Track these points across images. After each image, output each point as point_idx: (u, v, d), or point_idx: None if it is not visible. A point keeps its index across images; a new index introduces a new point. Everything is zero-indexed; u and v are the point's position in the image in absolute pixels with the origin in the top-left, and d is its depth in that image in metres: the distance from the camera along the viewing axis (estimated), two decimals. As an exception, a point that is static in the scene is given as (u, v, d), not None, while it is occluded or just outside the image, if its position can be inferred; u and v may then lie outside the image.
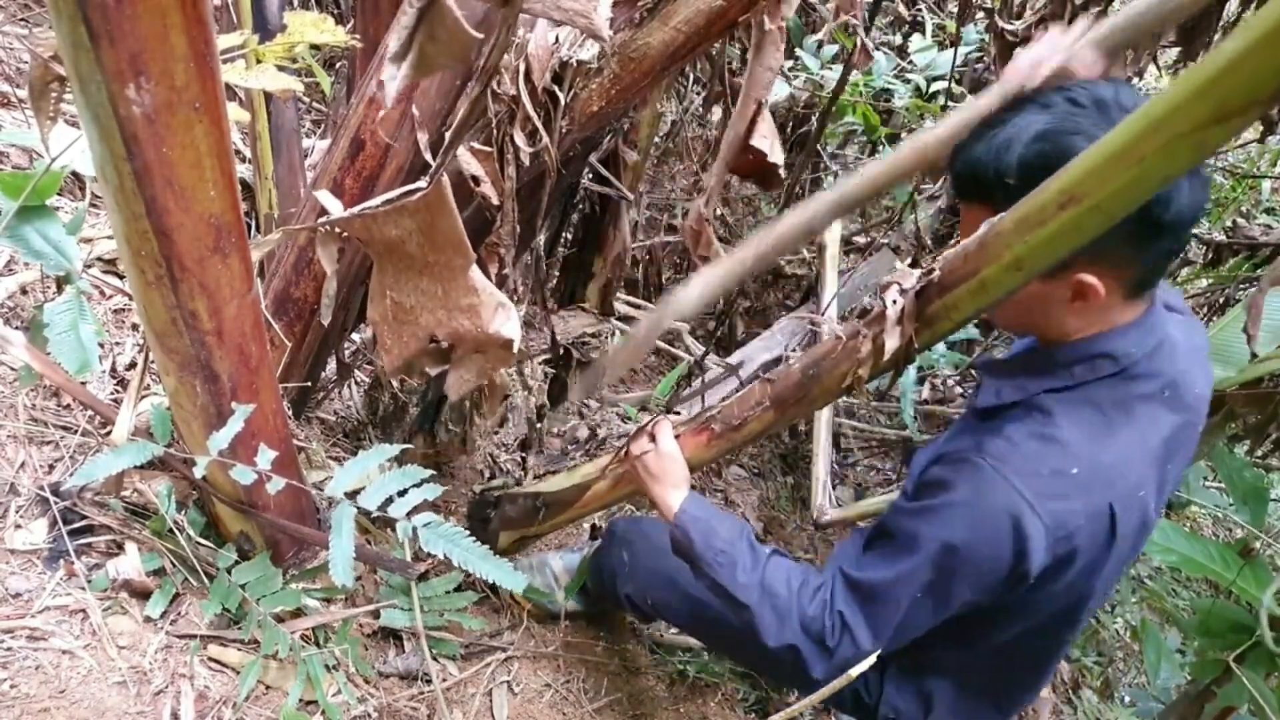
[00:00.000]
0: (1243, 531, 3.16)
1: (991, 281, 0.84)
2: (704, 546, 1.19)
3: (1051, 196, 0.75)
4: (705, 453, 1.27)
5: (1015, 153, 0.95)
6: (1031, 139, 0.95)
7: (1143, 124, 0.66)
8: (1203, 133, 0.62)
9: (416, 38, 0.76)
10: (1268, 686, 1.48)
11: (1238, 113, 0.59)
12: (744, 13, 1.22)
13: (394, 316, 1.25)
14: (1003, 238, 0.81)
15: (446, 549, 1.11)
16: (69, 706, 1.06)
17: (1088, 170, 0.71)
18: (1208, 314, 2.78)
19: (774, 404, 1.15)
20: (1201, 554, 1.58)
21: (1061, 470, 0.99)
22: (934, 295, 0.90)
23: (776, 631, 1.13)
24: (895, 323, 0.92)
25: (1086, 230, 0.75)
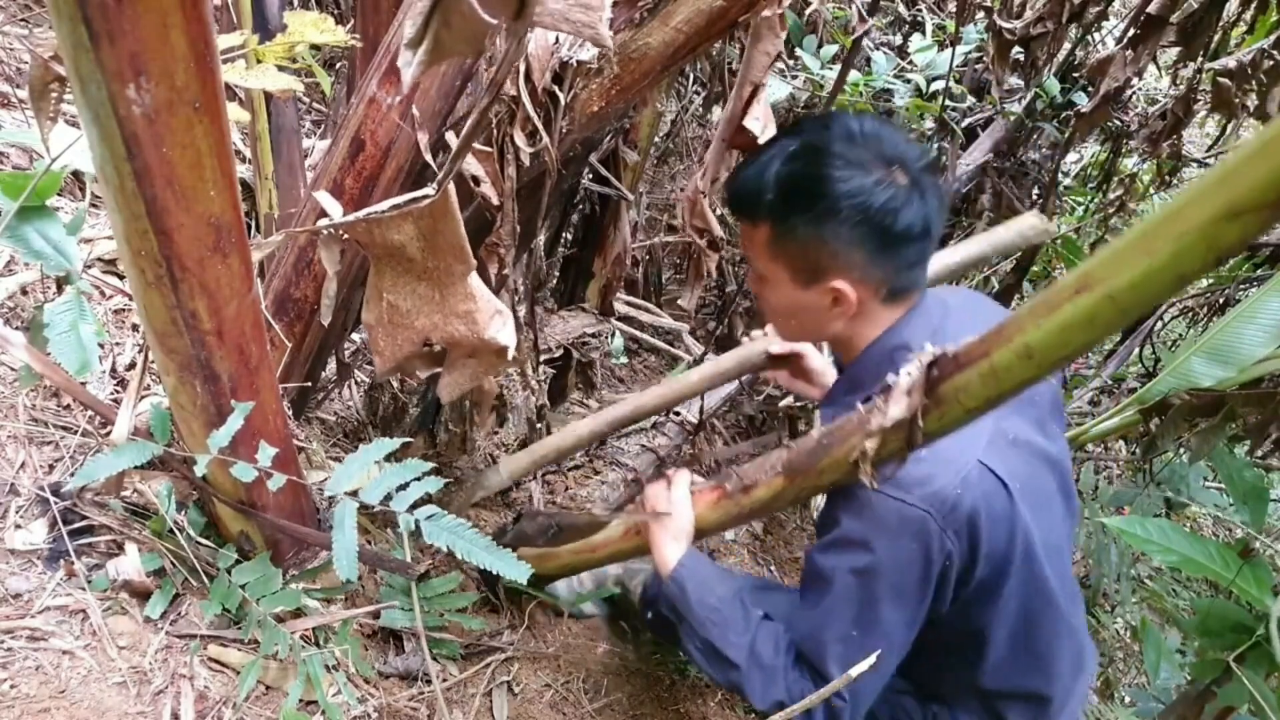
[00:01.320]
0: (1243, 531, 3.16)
1: (1002, 367, 0.80)
2: (698, 603, 1.22)
3: (1067, 282, 0.73)
4: (711, 513, 1.23)
5: (773, 170, 1.11)
6: (786, 158, 1.10)
7: (1159, 216, 0.65)
8: (1214, 228, 0.61)
9: (431, 24, 0.76)
10: (1268, 686, 1.48)
11: (1250, 211, 0.59)
12: (744, 13, 1.22)
13: (389, 319, 1.25)
14: (1017, 322, 0.78)
15: (449, 541, 1.11)
16: (69, 707, 1.06)
17: (1104, 258, 0.69)
18: (1208, 314, 2.78)
19: (785, 471, 1.11)
20: (1201, 554, 1.58)
21: (912, 458, 1.01)
22: (946, 373, 0.86)
23: (763, 692, 1.17)
24: (904, 392, 0.89)
25: (1098, 321, 0.71)
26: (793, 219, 1.10)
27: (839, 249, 1.09)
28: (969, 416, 0.86)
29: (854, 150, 1.07)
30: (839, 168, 1.07)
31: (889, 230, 1.07)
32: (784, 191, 1.10)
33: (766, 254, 1.16)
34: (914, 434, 0.90)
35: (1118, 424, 2.00)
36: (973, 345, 0.83)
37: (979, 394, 0.83)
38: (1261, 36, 2.33)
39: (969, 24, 2.88)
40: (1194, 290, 2.99)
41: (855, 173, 1.06)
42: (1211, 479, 2.70)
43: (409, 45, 0.78)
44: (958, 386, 0.84)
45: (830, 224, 1.07)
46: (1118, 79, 2.17)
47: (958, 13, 2.37)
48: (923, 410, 0.88)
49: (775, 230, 1.13)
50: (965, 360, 0.83)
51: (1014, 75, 2.82)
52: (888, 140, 1.09)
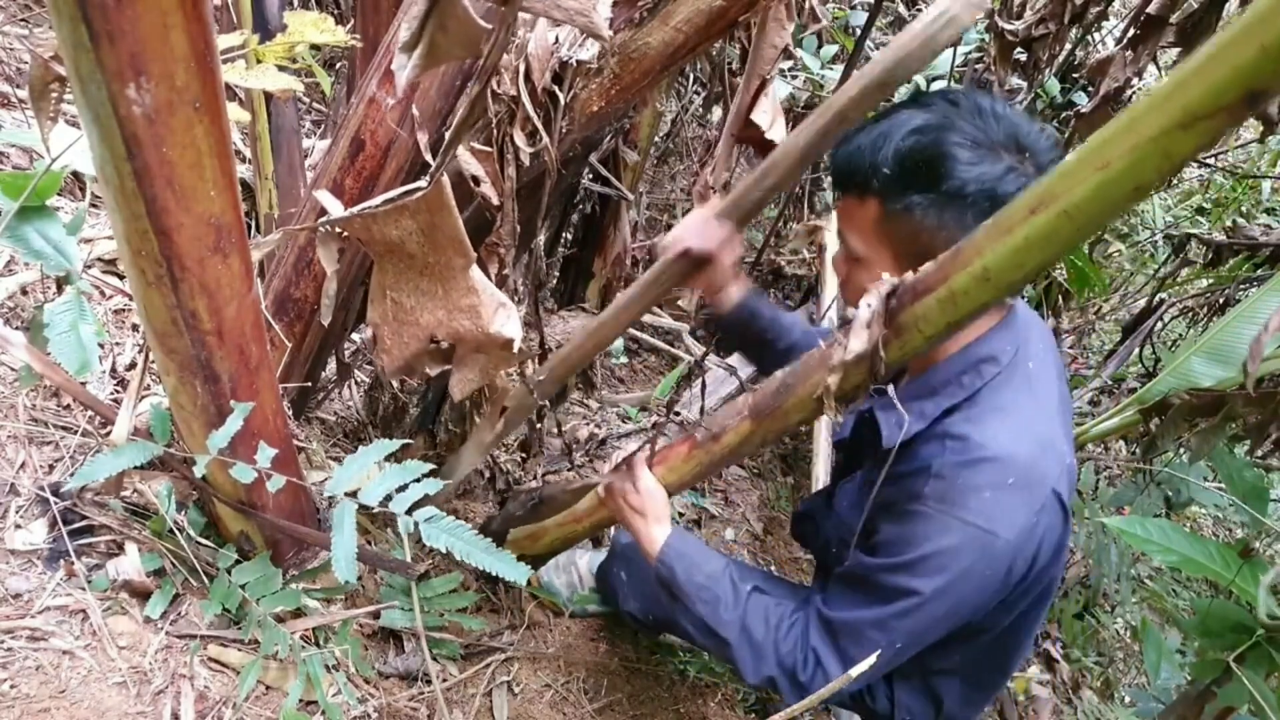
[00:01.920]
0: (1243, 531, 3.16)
1: (960, 292, 0.78)
2: (687, 582, 1.21)
3: (1023, 201, 0.71)
4: (685, 466, 1.23)
5: (893, 144, 1.01)
6: (908, 132, 1.00)
7: (1113, 127, 0.63)
8: (1169, 137, 0.59)
9: (427, 27, 0.76)
10: (1268, 686, 1.48)
11: (1204, 117, 0.57)
12: (744, 12, 1.22)
13: (394, 317, 1.25)
14: (974, 245, 0.76)
15: (448, 543, 1.11)
16: (69, 707, 1.06)
17: (1059, 173, 0.68)
18: (1208, 314, 2.78)
19: (751, 414, 1.10)
20: (1201, 554, 1.58)
21: (999, 484, 1.01)
22: (906, 302, 0.84)
23: (754, 667, 1.17)
24: (864, 325, 0.87)
25: (1055, 239, 0.70)
26: (911, 198, 1.01)
27: (957, 236, 0.97)
28: (928, 344, 0.86)
29: (984, 131, 0.99)
30: (968, 148, 0.98)
31: None
32: (905, 167, 1.00)
33: (871, 233, 1.07)
34: (876, 365, 0.88)
35: (1118, 424, 2.00)
36: (930, 272, 0.82)
37: (938, 320, 0.82)
38: (1261, 36, 2.32)
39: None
40: (1194, 290, 2.99)
41: (985, 155, 0.98)
42: (1211, 479, 2.70)
43: (404, 49, 0.78)
44: (917, 315, 0.83)
45: (953, 209, 0.99)
46: (1118, 79, 2.17)
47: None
48: (883, 341, 0.87)
49: (886, 208, 1.04)
50: (923, 288, 0.82)
51: (1015, 75, 2.82)
52: (1020, 125, 1.01)
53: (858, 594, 1.13)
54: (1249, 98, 0.55)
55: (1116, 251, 3.88)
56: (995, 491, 1.01)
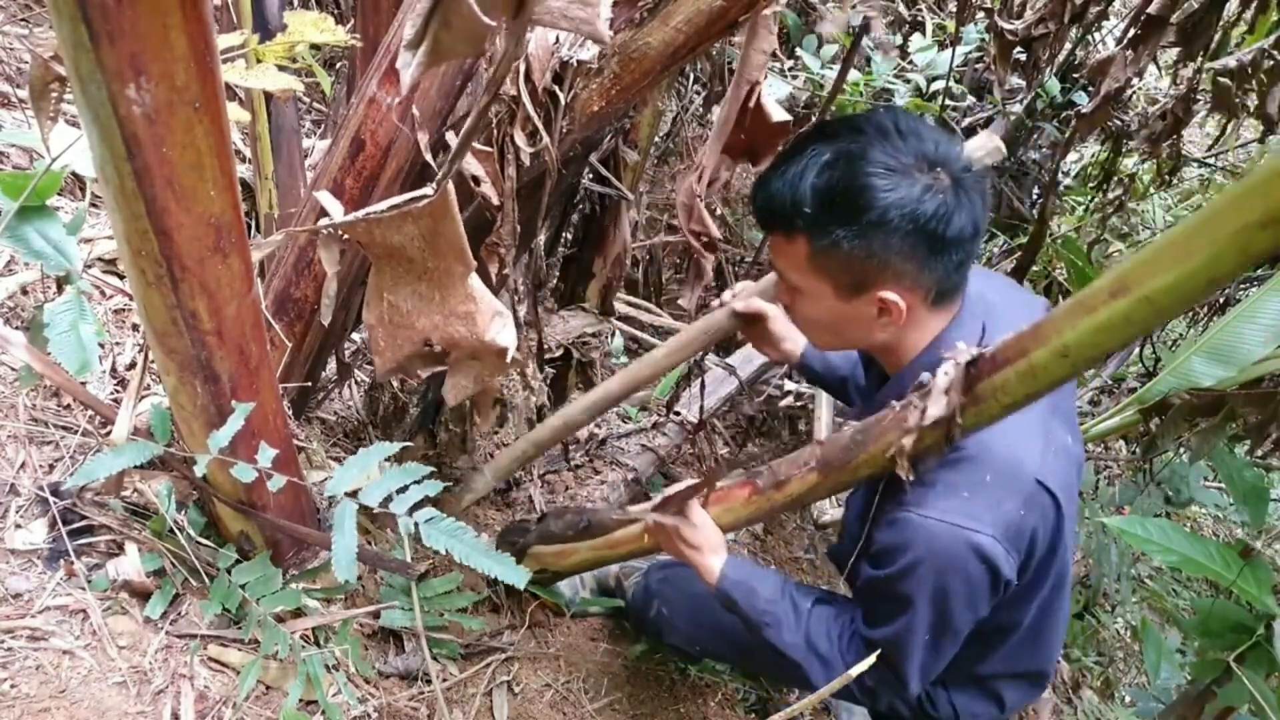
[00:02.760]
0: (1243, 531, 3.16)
1: (1040, 367, 0.81)
2: (748, 608, 1.24)
3: (1104, 284, 0.74)
4: (744, 510, 1.22)
5: (809, 182, 1.02)
6: (821, 167, 1.02)
7: (1194, 221, 0.67)
8: (1248, 234, 0.63)
9: (431, 25, 0.76)
10: (1268, 686, 1.48)
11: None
12: (744, 13, 1.22)
13: (390, 320, 1.25)
14: (1054, 322, 0.79)
15: (448, 545, 1.11)
16: (69, 706, 1.06)
17: (1141, 261, 0.71)
18: (1208, 314, 2.78)
19: (820, 467, 1.10)
20: (1201, 554, 1.58)
21: (979, 483, 1.04)
22: (984, 372, 0.87)
23: (826, 678, 1.21)
24: (942, 391, 0.90)
25: (1134, 322, 0.73)
26: (835, 232, 1.03)
27: (889, 259, 1.03)
28: (1005, 412, 0.88)
29: (894, 155, 1.01)
30: (882, 175, 1.00)
31: (941, 238, 1.02)
32: (824, 203, 1.02)
33: (805, 268, 1.10)
34: (952, 431, 0.91)
35: (1118, 424, 2.00)
36: (1010, 345, 0.85)
37: (1016, 391, 0.85)
38: (1261, 36, 2.32)
39: (969, 24, 2.88)
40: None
41: (900, 181, 1.00)
42: (1211, 479, 2.70)
43: (408, 47, 0.78)
44: (995, 385, 0.86)
45: (879, 236, 1.01)
46: (1118, 79, 2.16)
47: (958, 12, 2.37)
48: (960, 408, 0.89)
49: (815, 244, 1.06)
50: (1003, 360, 0.85)
51: (1015, 75, 2.82)
52: (927, 139, 1.03)
53: (876, 607, 1.18)
54: None
55: (1117, 251, 3.88)
56: (973, 490, 1.03)
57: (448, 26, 0.76)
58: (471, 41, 0.77)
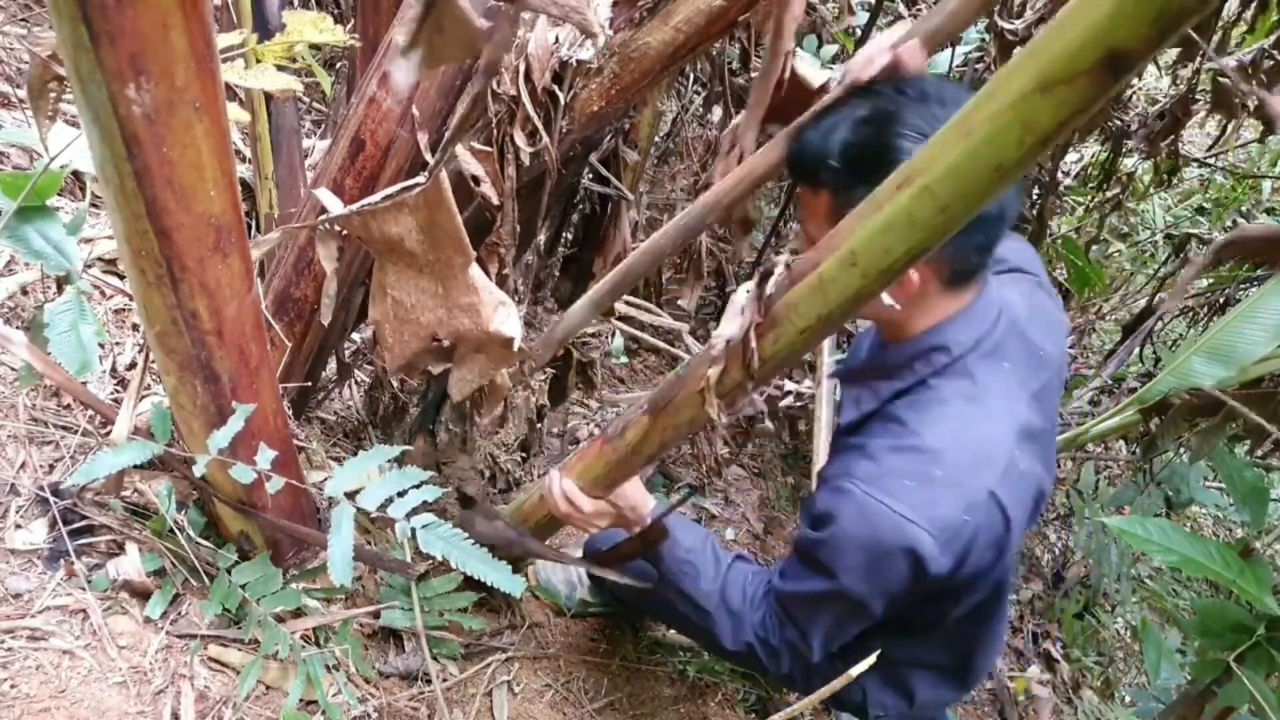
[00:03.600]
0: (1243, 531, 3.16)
1: (829, 278, 0.74)
2: (669, 558, 1.26)
3: (889, 180, 0.68)
4: (598, 463, 1.22)
5: (840, 136, 1.01)
6: (854, 123, 1.01)
7: (974, 99, 0.60)
8: (1027, 103, 0.55)
9: (423, 30, 0.76)
10: (1268, 686, 1.48)
11: (1062, 81, 0.53)
12: (744, 12, 1.22)
13: (394, 315, 1.25)
14: (842, 229, 0.73)
15: (445, 550, 1.11)
16: (69, 706, 1.06)
17: (925, 148, 0.64)
18: (1208, 314, 2.78)
19: (650, 409, 1.09)
20: (1201, 554, 1.58)
21: (926, 476, 1.03)
22: (781, 290, 0.80)
23: (732, 636, 1.23)
24: (738, 310, 0.83)
25: (919, 219, 0.66)
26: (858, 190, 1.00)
27: None
28: (803, 339, 0.82)
29: (929, 120, 0.98)
30: (910, 138, 0.97)
31: None
32: (849, 160, 1.01)
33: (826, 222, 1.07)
34: (749, 358, 0.84)
35: (1118, 424, 2.00)
36: (805, 259, 0.79)
37: (809, 311, 0.79)
38: (1261, 36, 2.33)
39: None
40: (1194, 290, 2.99)
41: None
42: (1211, 479, 2.70)
43: (401, 53, 0.78)
44: (789, 303, 0.80)
45: None
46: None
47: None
48: (757, 330, 0.83)
49: (837, 200, 1.04)
50: (797, 274, 0.79)
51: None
52: None
53: (800, 566, 1.17)
54: (1110, 59, 0.51)
55: (1116, 251, 3.88)
56: (919, 482, 1.03)
57: (440, 31, 0.76)
58: (465, 45, 0.77)
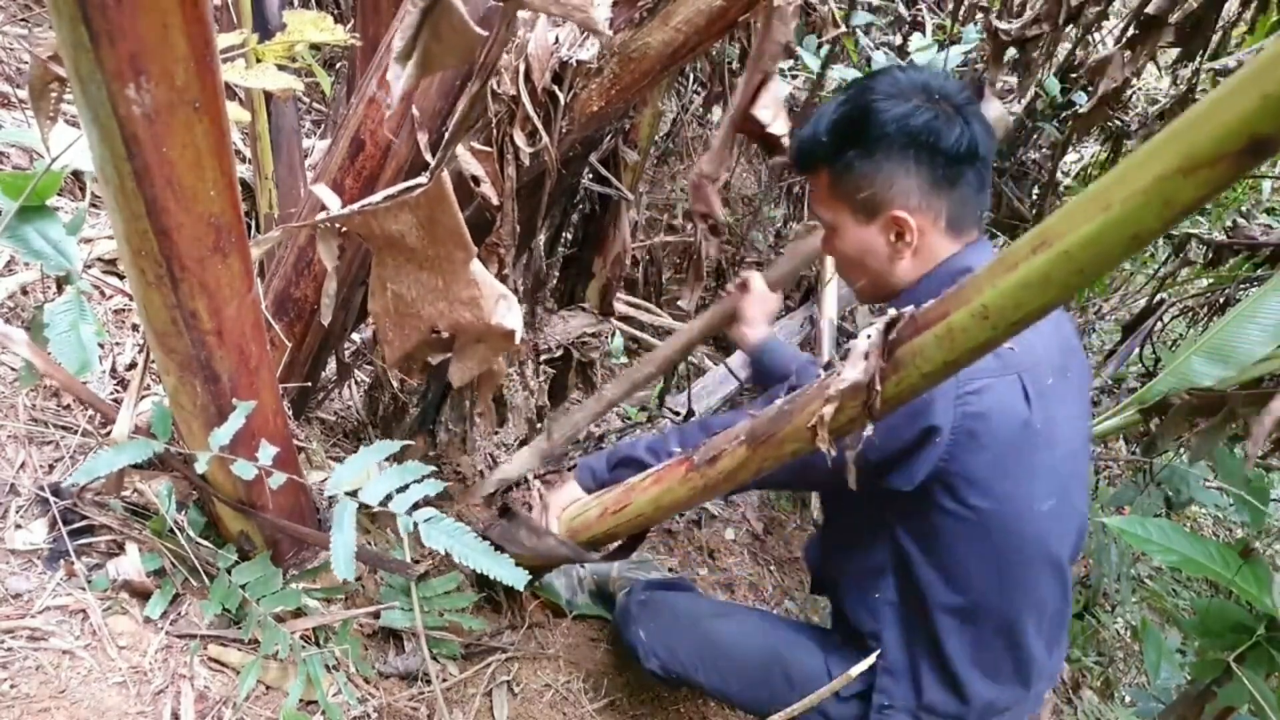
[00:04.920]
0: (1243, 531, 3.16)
1: (959, 329, 0.77)
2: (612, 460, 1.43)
3: (1024, 241, 0.70)
4: (681, 489, 1.21)
5: (826, 118, 1.21)
6: (836, 105, 1.21)
7: (1116, 172, 0.63)
8: (1169, 183, 0.59)
9: (421, 37, 0.76)
10: (1268, 686, 1.48)
11: (1206, 165, 0.57)
12: (744, 12, 1.22)
13: (395, 309, 1.25)
14: (974, 282, 0.75)
15: (447, 544, 1.10)
16: (69, 706, 1.06)
17: (1061, 214, 0.67)
18: (1208, 314, 2.78)
19: (749, 440, 1.08)
20: (1201, 554, 1.58)
21: None
22: (905, 336, 0.83)
23: None
24: (861, 355, 0.85)
25: (1054, 279, 0.69)
26: (846, 154, 1.18)
27: (892, 175, 1.16)
28: (925, 382, 0.84)
29: (895, 85, 1.16)
30: (882, 99, 1.15)
31: (935, 149, 1.13)
32: (836, 132, 1.19)
33: (829, 199, 1.24)
34: (872, 399, 0.86)
35: (1118, 424, 2.00)
36: (931, 308, 0.80)
37: (935, 357, 0.81)
38: (1262, 36, 2.33)
39: (968, 24, 2.88)
40: (1194, 290, 2.99)
41: (899, 103, 1.14)
42: (1211, 479, 2.70)
43: (398, 59, 0.78)
44: (914, 350, 0.82)
45: (880, 150, 1.15)
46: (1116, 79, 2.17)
47: (953, 11, 2.38)
48: (880, 374, 0.85)
49: (833, 172, 1.21)
50: (923, 323, 0.81)
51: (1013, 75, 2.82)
52: (930, 80, 1.18)
53: None
54: (1252, 145, 0.55)
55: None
56: None
57: (438, 38, 0.76)
58: (462, 52, 0.77)
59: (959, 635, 1.23)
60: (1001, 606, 1.22)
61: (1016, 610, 1.22)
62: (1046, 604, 1.25)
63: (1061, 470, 1.20)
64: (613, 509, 1.35)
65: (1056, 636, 1.31)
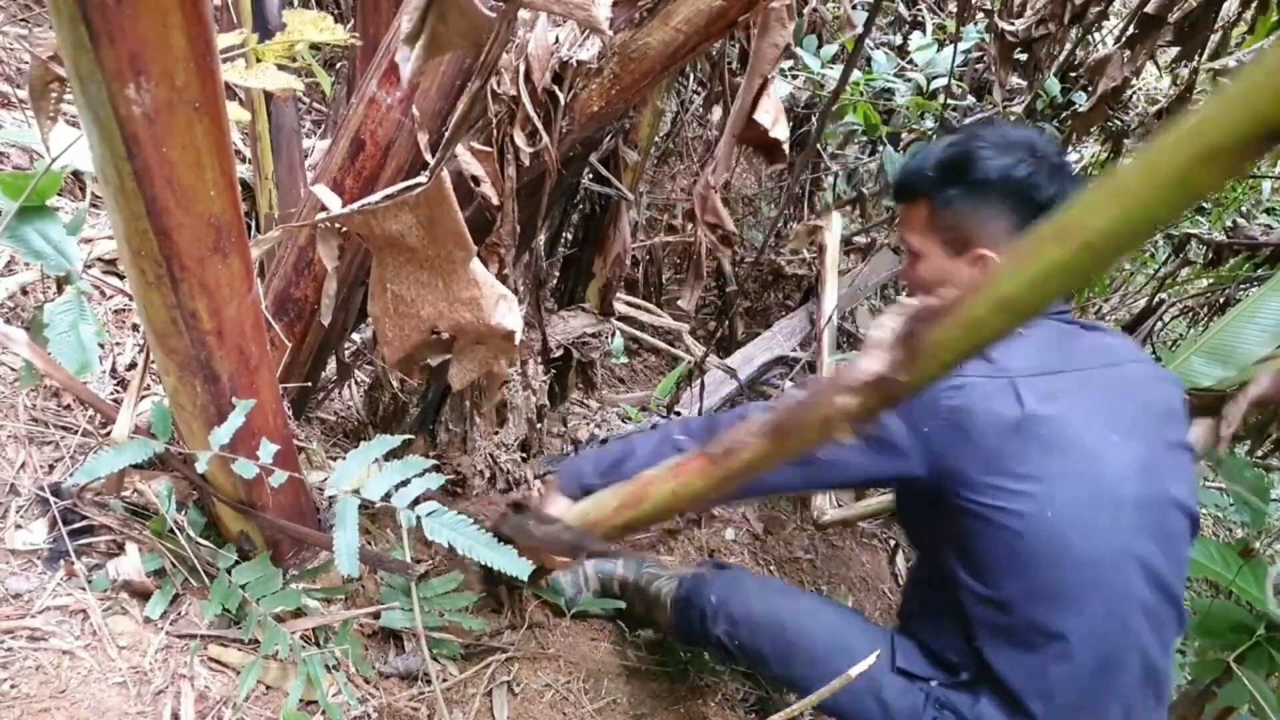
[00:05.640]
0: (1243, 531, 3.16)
1: (980, 320, 0.78)
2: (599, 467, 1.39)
3: (1044, 232, 0.72)
4: (699, 481, 1.19)
5: (934, 154, 1.33)
6: (944, 145, 1.33)
7: (1135, 162, 0.65)
8: (1189, 172, 0.61)
9: (428, 18, 0.77)
10: (1268, 686, 1.48)
11: (1224, 154, 0.59)
12: (744, 12, 1.22)
13: (395, 309, 1.25)
14: (995, 274, 0.77)
15: (450, 537, 1.10)
16: (69, 707, 1.06)
17: (1080, 206, 0.69)
18: (1208, 314, 2.78)
19: (770, 434, 1.07)
20: (1201, 554, 1.59)
21: None
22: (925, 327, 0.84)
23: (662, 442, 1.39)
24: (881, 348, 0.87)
25: (1075, 269, 0.71)
26: (949, 192, 1.30)
27: (987, 218, 1.27)
28: (944, 370, 0.85)
29: (1001, 138, 1.29)
30: (989, 148, 1.28)
31: (1031, 201, 1.25)
32: (943, 169, 1.30)
33: (923, 228, 1.34)
34: (892, 389, 0.87)
35: (1118, 424, 1.99)
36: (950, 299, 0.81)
37: (955, 347, 0.82)
38: (1262, 36, 2.33)
39: (969, 24, 2.88)
40: (1194, 290, 2.99)
41: (1003, 152, 1.27)
42: (1211, 479, 2.70)
43: (406, 40, 0.78)
44: (935, 340, 0.83)
45: (981, 194, 1.27)
46: (1115, 78, 2.17)
47: (958, 12, 2.38)
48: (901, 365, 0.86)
49: (933, 205, 1.32)
50: (943, 314, 0.82)
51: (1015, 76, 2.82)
52: (1035, 139, 1.30)
53: None
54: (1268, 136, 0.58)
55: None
56: None
57: (445, 19, 0.77)
58: (469, 33, 0.77)
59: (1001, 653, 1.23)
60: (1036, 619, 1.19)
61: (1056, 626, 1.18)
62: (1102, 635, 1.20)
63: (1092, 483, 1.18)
64: (630, 503, 1.34)
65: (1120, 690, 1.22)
